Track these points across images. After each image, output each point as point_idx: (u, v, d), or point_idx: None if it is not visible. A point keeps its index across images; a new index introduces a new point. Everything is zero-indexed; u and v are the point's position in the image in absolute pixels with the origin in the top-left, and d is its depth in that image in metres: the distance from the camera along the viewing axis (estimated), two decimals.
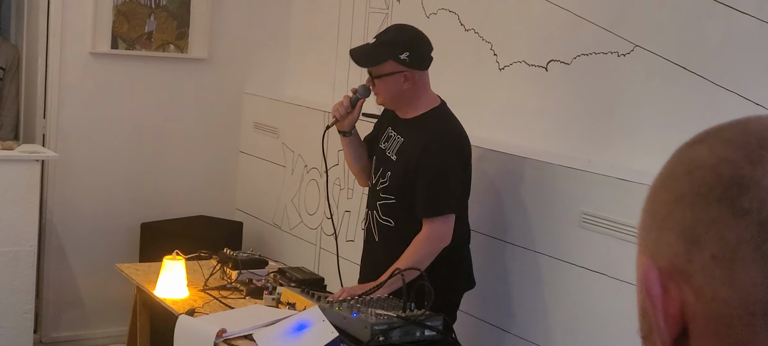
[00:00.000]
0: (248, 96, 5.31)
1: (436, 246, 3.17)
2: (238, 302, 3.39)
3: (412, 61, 3.20)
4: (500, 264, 3.53)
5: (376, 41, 3.25)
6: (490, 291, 3.57)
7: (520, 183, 3.46)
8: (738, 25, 2.89)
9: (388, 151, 3.32)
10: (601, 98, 3.39)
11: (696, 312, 0.71)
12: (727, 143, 0.72)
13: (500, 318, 3.53)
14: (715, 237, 0.70)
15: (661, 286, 0.73)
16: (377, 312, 2.89)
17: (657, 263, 0.74)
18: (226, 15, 5.22)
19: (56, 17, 4.83)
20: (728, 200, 0.69)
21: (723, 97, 2.92)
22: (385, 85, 3.22)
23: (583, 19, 3.45)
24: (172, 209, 5.16)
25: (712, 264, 0.70)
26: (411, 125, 3.26)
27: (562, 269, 3.28)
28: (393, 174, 3.27)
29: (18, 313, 4.44)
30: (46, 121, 4.91)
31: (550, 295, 3.35)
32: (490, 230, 3.57)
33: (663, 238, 0.74)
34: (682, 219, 0.72)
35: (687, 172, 0.73)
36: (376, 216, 3.35)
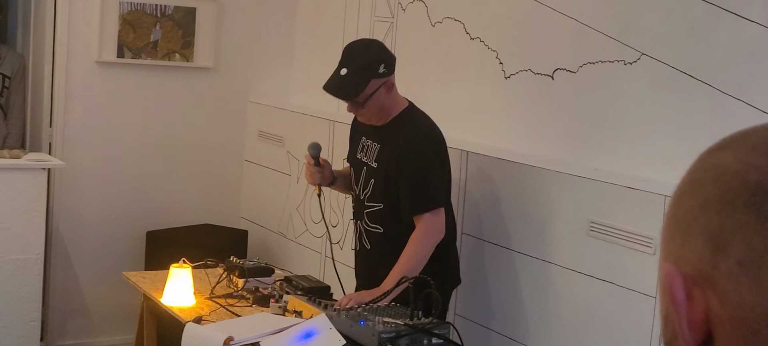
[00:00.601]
0: (253, 104, 5.32)
1: (434, 240, 3.23)
2: (245, 310, 3.39)
3: (387, 70, 3.27)
4: (508, 273, 3.53)
5: (348, 70, 3.26)
6: (498, 300, 3.57)
7: (527, 192, 3.46)
8: (745, 33, 2.90)
9: (366, 159, 3.39)
10: (608, 107, 3.40)
11: (721, 318, 0.71)
12: (753, 149, 0.72)
13: (508, 327, 3.53)
14: (742, 243, 0.69)
15: (686, 292, 0.73)
16: (384, 320, 2.89)
17: (681, 269, 0.73)
18: (231, 24, 5.23)
19: (62, 26, 4.85)
20: (755, 206, 0.69)
21: (730, 106, 2.92)
22: (372, 105, 3.27)
23: (589, 27, 3.45)
24: (178, 218, 5.17)
25: (738, 270, 0.70)
26: (385, 130, 3.33)
27: (570, 277, 3.29)
28: (376, 181, 3.34)
29: (25, 321, 4.44)
30: (52, 130, 4.92)
31: (557, 303, 3.35)
32: (497, 238, 3.58)
33: (688, 244, 0.73)
34: (707, 225, 0.72)
35: (713, 178, 0.73)
36: (363, 225, 3.40)
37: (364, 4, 4.73)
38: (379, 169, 3.32)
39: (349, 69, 3.26)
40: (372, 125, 3.36)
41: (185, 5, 5.08)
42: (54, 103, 4.90)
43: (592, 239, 3.19)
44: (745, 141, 0.74)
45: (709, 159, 0.75)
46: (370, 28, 4.69)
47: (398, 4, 4.50)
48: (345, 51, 3.37)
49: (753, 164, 0.71)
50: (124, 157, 5.07)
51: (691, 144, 3.01)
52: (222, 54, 5.23)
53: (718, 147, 0.76)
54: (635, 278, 3.02)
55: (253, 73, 5.33)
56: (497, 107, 3.88)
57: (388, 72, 3.27)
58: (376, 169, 3.34)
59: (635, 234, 3.02)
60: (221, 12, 5.19)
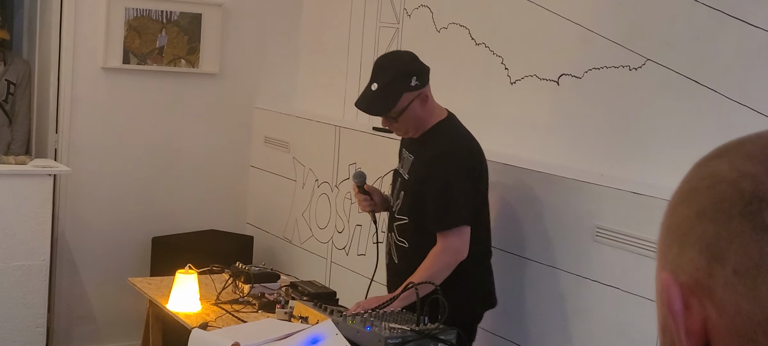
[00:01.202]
0: (259, 110, 5.32)
1: (452, 259, 3.14)
2: (251, 316, 3.39)
3: (421, 82, 3.17)
4: (514, 279, 3.53)
5: (379, 85, 3.17)
6: (504, 306, 3.57)
7: (533, 197, 3.46)
8: (750, 39, 2.90)
9: (401, 170, 3.32)
10: (613, 112, 3.40)
11: (718, 328, 0.71)
12: (748, 158, 0.72)
13: (514, 333, 3.53)
14: (738, 252, 0.69)
15: (683, 302, 0.73)
16: (391, 326, 2.89)
17: (678, 278, 0.73)
18: (237, 30, 5.24)
19: (68, 32, 4.86)
20: (750, 215, 0.69)
21: (735, 111, 2.92)
22: (406, 119, 3.17)
23: (594, 33, 3.45)
24: (183, 223, 5.18)
25: (734, 279, 0.69)
26: (420, 142, 3.24)
27: (576, 283, 3.28)
28: (406, 193, 3.26)
29: (30, 327, 4.45)
30: (58, 136, 4.93)
31: (564, 309, 3.34)
32: (503, 244, 3.57)
33: (684, 253, 0.73)
34: (703, 234, 0.72)
35: (708, 186, 0.73)
36: (393, 238, 3.33)
37: (369, 10, 4.74)
38: (409, 181, 3.24)
39: (380, 84, 3.16)
40: (412, 138, 3.27)
41: (191, 11, 5.09)
42: (59, 110, 4.91)
43: (598, 245, 3.19)
44: (741, 149, 0.74)
45: (705, 168, 0.75)
46: (375, 34, 4.69)
47: (404, 9, 4.50)
48: (375, 65, 3.26)
49: (748, 173, 0.71)
50: (130, 163, 5.08)
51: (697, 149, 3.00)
52: (228, 60, 5.24)
53: (713, 156, 0.76)
54: (641, 283, 3.02)
55: (258, 78, 5.34)
56: (503, 113, 3.88)
57: (421, 84, 3.15)
58: (407, 181, 3.26)
59: (641, 239, 3.01)
60: (227, 18, 5.20)
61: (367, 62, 4.75)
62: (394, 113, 3.15)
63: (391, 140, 4.25)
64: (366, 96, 3.21)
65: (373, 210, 3.44)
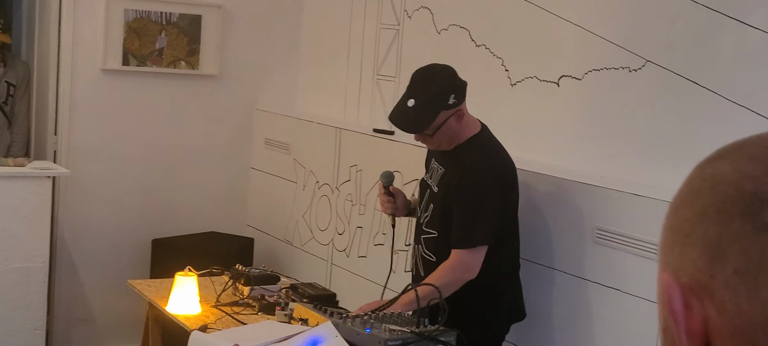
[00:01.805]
0: (259, 112, 5.32)
1: (460, 276, 3.10)
2: (251, 318, 3.39)
3: (458, 100, 3.12)
4: None
5: (415, 102, 3.10)
6: None
7: (533, 199, 3.46)
8: (749, 40, 2.89)
9: (430, 182, 3.27)
10: (613, 114, 3.40)
11: (719, 328, 0.71)
12: (750, 159, 0.73)
13: (513, 333, 3.52)
14: (739, 252, 0.70)
15: (684, 302, 0.73)
16: (391, 328, 2.88)
17: (679, 279, 0.74)
18: (237, 31, 5.24)
19: (67, 34, 4.85)
20: (751, 216, 0.70)
21: (735, 113, 2.92)
22: (440, 135, 3.12)
23: (594, 34, 3.45)
24: (183, 225, 5.17)
25: (735, 279, 0.70)
26: (452, 155, 3.18)
27: (576, 284, 3.28)
28: (435, 206, 3.22)
29: (29, 329, 4.44)
30: (57, 138, 4.93)
31: (564, 311, 3.34)
32: None
33: (686, 254, 0.73)
34: (705, 235, 0.72)
35: (710, 188, 0.73)
36: (420, 250, 3.30)
37: (369, 12, 4.73)
38: (439, 194, 3.20)
39: (417, 100, 3.08)
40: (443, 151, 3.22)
41: (191, 13, 5.08)
42: (59, 111, 4.90)
43: (598, 246, 3.19)
44: (742, 151, 0.74)
45: (707, 169, 0.75)
46: (375, 35, 4.69)
47: (404, 11, 4.50)
48: (413, 79, 3.18)
49: (750, 174, 0.71)
50: (130, 164, 5.07)
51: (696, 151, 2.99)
52: (228, 61, 5.23)
53: (715, 157, 0.76)
54: (641, 284, 3.02)
55: (258, 80, 5.33)
56: (503, 114, 3.87)
57: (458, 102, 3.10)
58: (436, 194, 3.22)
59: (641, 241, 3.01)
60: (227, 19, 5.19)
61: (368, 64, 4.75)
62: (429, 131, 3.10)
63: (391, 143, 4.25)
64: (401, 111, 3.14)
65: (394, 213, 3.41)
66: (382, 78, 4.65)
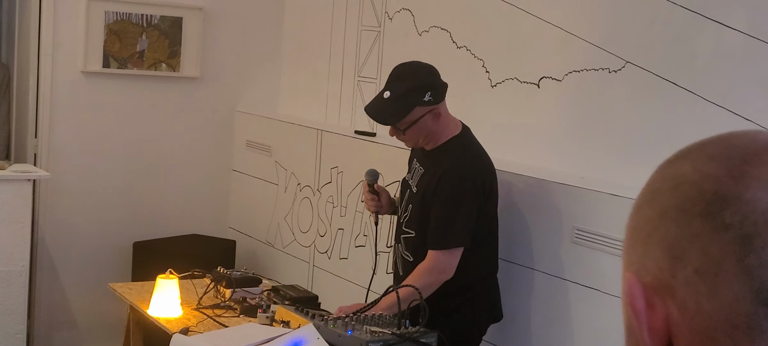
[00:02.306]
0: (240, 114, 5.31)
1: (436, 278, 3.10)
2: (233, 321, 3.38)
3: (435, 99, 3.13)
4: None
5: (392, 93, 3.13)
6: None
7: (513, 199, 3.47)
8: (727, 40, 2.92)
9: (411, 182, 3.28)
10: (593, 114, 3.41)
11: (680, 326, 0.72)
12: (710, 159, 0.73)
13: (492, 334, 3.53)
14: (699, 252, 0.70)
15: (646, 301, 0.74)
16: (372, 329, 2.89)
17: (642, 278, 0.74)
18: (218, 33, 5.23)
19: (47, 36, 4.83)
20: (711, 215, 0.70)
21: (713, 113, 2.94)
22: (415, 132, 3.13)
23: (574, 36, 3.47)
24: (165, 228, 5.15)
25: (695, 278, 0.71)
26: (432, 155, 3.20)
27: (556, 285, 3.29)
28: (414, 206, 3.23)
29: (10, 333, 4.42)
30: (37, 141, 4.90)
31: (543, 311, 3.35)
32: None
33: (648, 253, 0.74)
34: (666, 234, 0.73)
35: (671, 188, 0.74)
36: (400, 250, 3.31)
37: (351, 14, 4.74)
38: (417, 194, 3.21)
39: (393, 93, 3.11)
40: (423, 149, 3.23)
41: (172, 15, 5.07)
42: (39, 114, 4.88)
43: (577, 246, 3.20)
44: (703, 151, 0.75)
45: (668, 169, 0.76)
46: (357, 37, 4.69)
47: (385, 13, 4.51)
48: (392, 73, 3.21)
49: (710, 174, 0.72)
50: (111, 167, 5.05)
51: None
52: (209, 64, 5.22)
53: (676, 157, 0.77)
54: (620, 284, 3.02)
55: (240, 82, 5.32)
56: (484, 115, 3.88)
57: (435, 100, 3.11)
58: (415, 194, 3.23)
59: (620, 241, 3.01)
60: (208, 21, 5.18)
61: (349, 65, 4.75)
62: (402, 125, 3.12)
63: (372, 144, 4.25)
64: (377, 103, 3.17)
65: (378, 212, 3.41)
66: (363, 80, 4.65)
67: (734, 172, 0.72)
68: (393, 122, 3.14)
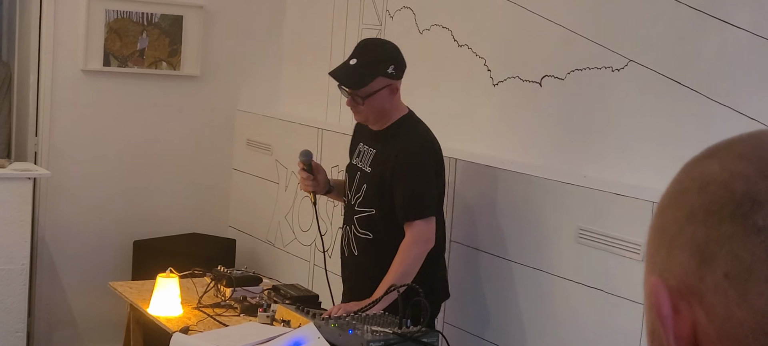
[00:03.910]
0: (241, 113, 5.30)
1: (423, 248, 3.19)
2: (233, 320, 3.37)
3: (396, 73, 3.24)
4: (497, 280, 3.52)
5: (358, 60, 3.24)
6: (487, 307, 3.56)
7: (516, 199, 3.45)
8: (732, 39, 2.90)
9: (361, 164, 3.35)
10: (596, 113, 3.40)
11: (708, 333, 0.69)
12: (740, 158, 0.71)
13: (497, 334, 3.52)
14: (729, 255, 0.68)
15: (672, 306, 0.71)
16: (373, 329, 2.88)
17: (667, 282, 0.72)
18: (219, 32, 5.22)
19: (48, 34, 4.82)
20: (741, 217, 0.68)
21: (717, 112, 2.92)
22: (373, 103, 3.23)
23: (576, 34, 3.45)
24: (165, 227, 5.14)
25: (725, 283, 0.68)
26: (383, 135, 3.29)
27: (559, 284, 3.28)
28: (369, 185, 3.30)
29: (10, 332, 4.41)
30: (37, 139, 4.89)
31: (547, 311, 3.34)
32: (486, 246, 3.56)
33: (674, 256, 0.71)
34: (693, 237, 0.70)
35: (698, 188, 0.71)
36: (353, 231, 3.36)
37: (351, 12, 4.72)
38: (373, 173, 3.28)
39: (359, 60, 3.23)
40: (371, 132, 3.33)
41: (172, 13, 5.06)
42: (39, 112, 4.87)
43: (581, 246, 3.19)
44: (731, 150, 0.72)
45: (695, 168, 0.73)
46: (357, 35, 4.68)
47: (386, 11, 4.49)
48: (359, 44, 3.36)
49: (739, 173, 0.70)
50: (111, 166, 5.04)
51: (679, 150, 3.01)
52: (209, 62, 5.21)
53: (703, 156, 0.74)
54: (624, 284, 3.02)
55: (240, 81, 5.31)
56: (485, 114, 3.87)
57: (396, 75, 3.24)
58: (369, 173, 3.30)
59: (624, 241, 3.01)
60: (208, 20, 5.17)
61: None
62: (363, 93, 3.21)
63: None
64: (343, 69, 3.29)
65: (315, 191, 3.50)
66: None
67: (766, 172, 0.69)
68: (356, 87, 3.22)
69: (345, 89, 3.25)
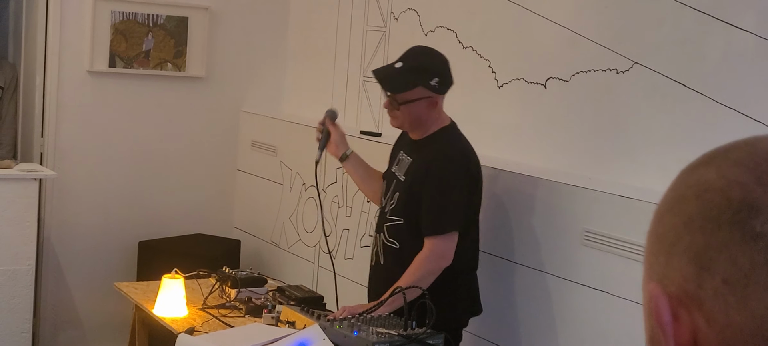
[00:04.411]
0: (246, 114, 5.31)
1: (436, 265, 3.12)
2: (238, 321, 3.38)
3: (440, 87, 3.17)
4: (502, 283, 3.52)
5: (403, 65, 3.18)
6: (492, 309, 3.56)
7: (521, 201, 3.46)
8: (737, 42, 2.90)
9: (397, 172, 3.30)
10: (601, 116, 3.40)
11: (708, 339, 0.70)
12: (736, 165, 0.71)
13: (503, 337, 3.52)
14: (727, 261, 0.68)
15: (672, 313, 0.72)
16: (378, 330, 2.88)
17: (666, 289, 0.72)
18: (224, 33, 5.22)
19: (54, 36, 4.83)
20: (739, 224, 0.68)
21: (722, 114, 2.92)
22: (409, 111, 3.17)
23: (581, 36, 3.46)
24: (170, 228, 5.15)
25: (724, 289, 0.68)
26: (420, 145, 3.23)
27: (565, 287, 3.28)
28: (401, 194, 3.24)
29: (15, 332, 4.42)
30: (43, 140, 4.90)
31: (552, 313, 3.34)
32: (492, 248, 3.57)
33: (672, 263, 0.72)
34: (691, 243, 0.71)
35: (696, 195, 0.72)
36: (382, 239, 3.31)
37: (356, 14, 4.73)
38: (405, 182, 3.22)
39: (404, 65, 3.18)
40: (410, 140, 3.27)
41: (177, 15, 5.07)
42: (45, 113, 4.88)
43: (586, 249, 3.19)
44: (728, 157, 0.73)
45: (692, 175, 0.74)
46: (362, 37, 4.69)
47: (391, 13, 4.50)
48: (410, 49, 3.28)
49: (736, 180, 0.70)
50: (116, 167, 5.05)
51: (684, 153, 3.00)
52: (214, 63, 5.22)
53: (700, 163, 0.74)
54: (629, 287, 3.02)
55: (245, 82, 5.32)
56: (490, 116, 3.87)
57: (439, 89, 3.15)
58: (402, 182, 3.24)
59: (629, 243, 3.01)
60: (214, 21, 5.18)
61: (354, 66, 4.74)
62: (400, 98, 3.16)
63: (377, 145, 4.24)
64: (386, 69, 3.27)
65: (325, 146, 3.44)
66: (368, 80, 4.64)
67: (763, 178, 0.69)
68: (394, 91, 3.18)
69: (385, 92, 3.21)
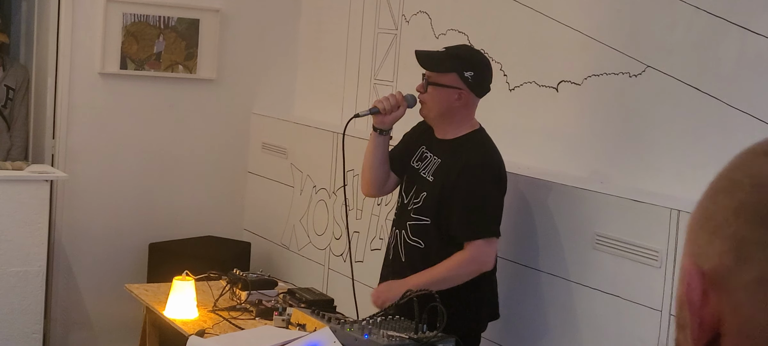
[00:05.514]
0: (256, 116, 5.31)
1: (476, 268, 3.12)
2: (248, 323, 3.38)
3: (473, 83, 3.18)
4: (513, 286, 3.51)
5: (446, 51, 3.24)
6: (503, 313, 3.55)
7: (533, 205, 3.45)
8: (751, 45, 2.88)
9: (422, 171, 3.26)
10: (613, 119, 3.39)
11: (731, 326, 0.71)
12: None
13: (513, 340, 3.51)
14: (764, 261, 0.68)
15: (702, 290, 0.72)
16: (389, 333, 2.87)
17: (702, 266, 0.73)
18: (235, 35, 5.23)
19: (66, 38, 4.84)
20: None
21: (736, 119, 2.90)
22: (438, 96, 3.17)
23: (593, 39, 3.44)
24: (181, 230, 5.16)
25: (755, 286, 0.69)
26: (449, 146, 3.21)
27: (576, 291, 3.27)
28: (428, 195, 3.20)
29: (26, 333, 4.43)
30: (55, 142, 4.91)
31: (563, 317, 3.33)
32: (503, 251, 3.55)
33: (714, 244, 0.72)
34: (736, 232, 0.71)
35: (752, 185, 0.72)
36: (404, 236, 3.28)
37: (367, 16, 4.73)
38: (435, 184, 3.19)
39: (447, 51, 3.25)
40: (438, 140, 3.24)
41: (189, 17, 5.08)
42: (57, 115, 4.89)
43: (598, 252, 3.18)
44: None
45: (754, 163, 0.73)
46: (373, 40, 4.68)
47: (402, 15, 4.49)
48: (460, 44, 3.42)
49: None
50: (127, 168, 5.06)
51: (697, 157, 2.99)
52: (225, 66, 5.23)
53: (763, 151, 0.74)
54: (641, 291, 3.01)
55: (256, 84, 5.32)
56: (502, 119, 3.86)
57: (471, 84, 3.16)
58: (431, 183, 3.21)
59: (641, 247, 3.00)
60: (225, 23, 5.18)
61: (365, 68, 4.74)
62: (433, 77, 3.19)
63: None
64: (429, 50, 3.33)
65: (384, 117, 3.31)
66: (379, 83, 4.64)
67: None
68: (429, 68, 3.21)
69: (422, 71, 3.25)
